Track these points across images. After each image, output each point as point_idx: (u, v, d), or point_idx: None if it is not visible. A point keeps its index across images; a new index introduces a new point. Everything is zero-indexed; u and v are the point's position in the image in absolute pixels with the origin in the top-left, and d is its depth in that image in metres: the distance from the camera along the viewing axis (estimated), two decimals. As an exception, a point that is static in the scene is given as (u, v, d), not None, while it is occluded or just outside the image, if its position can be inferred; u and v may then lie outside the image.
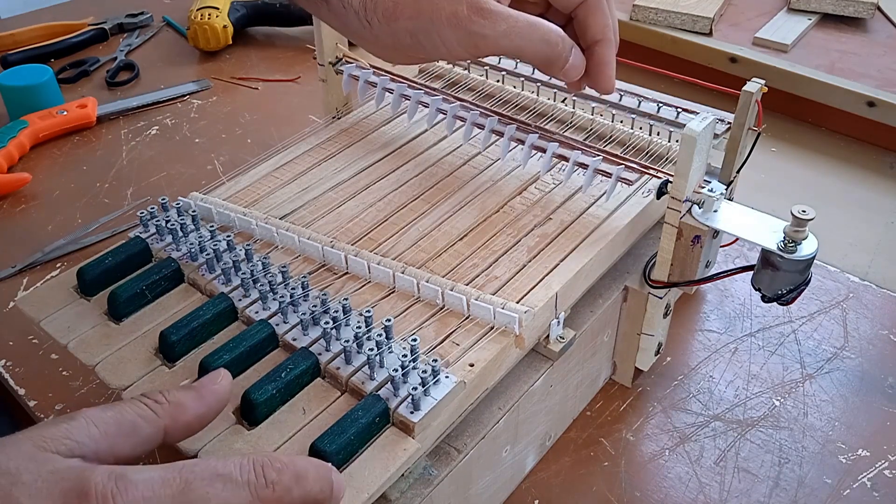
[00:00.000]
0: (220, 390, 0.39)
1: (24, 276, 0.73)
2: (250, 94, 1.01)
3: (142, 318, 0.51)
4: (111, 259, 0.53)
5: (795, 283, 0.52)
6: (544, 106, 0.68)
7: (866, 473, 0.57)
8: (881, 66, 0.95)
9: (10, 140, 0.86)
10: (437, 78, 0.73)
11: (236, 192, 0.60)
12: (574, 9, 0.52)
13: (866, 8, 1.04)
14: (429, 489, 0.45)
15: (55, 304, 0.52)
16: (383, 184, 0.61)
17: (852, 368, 0.65)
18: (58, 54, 1.08)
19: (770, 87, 0.60)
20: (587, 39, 0.53)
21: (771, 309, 0.70)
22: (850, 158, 0.90)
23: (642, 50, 1.03)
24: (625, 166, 0.57)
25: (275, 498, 0.33)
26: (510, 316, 0.48)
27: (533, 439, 0.56)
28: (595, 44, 0.53)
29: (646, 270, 0.58)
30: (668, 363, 0.65)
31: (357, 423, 0.42)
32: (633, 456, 0.58)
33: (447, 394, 0.44)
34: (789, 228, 0.50)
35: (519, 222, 0.57)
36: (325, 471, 0.36)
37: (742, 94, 0.58)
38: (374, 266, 0.52)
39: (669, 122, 0.64)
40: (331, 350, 0.47)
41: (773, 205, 0.57)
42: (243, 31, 1.11)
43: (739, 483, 0.56)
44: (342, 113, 0.71)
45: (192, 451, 0.43)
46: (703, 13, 1.00)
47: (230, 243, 0.54)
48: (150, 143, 0.91)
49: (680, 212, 0.53)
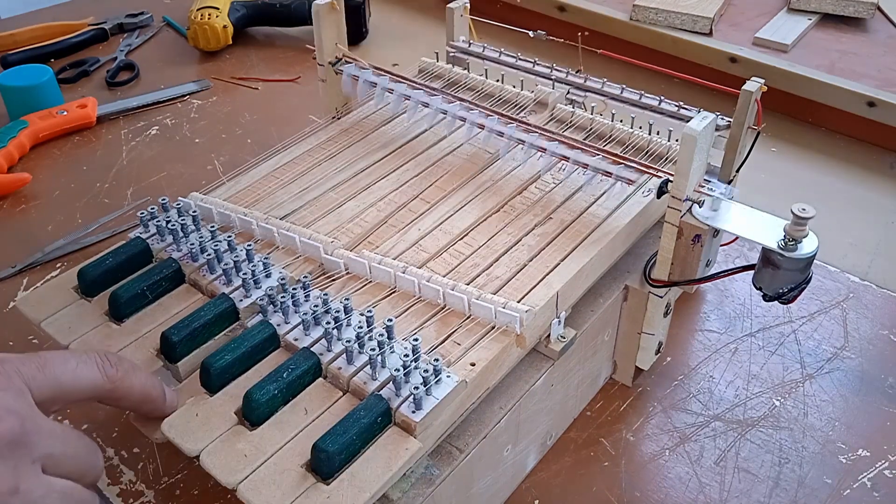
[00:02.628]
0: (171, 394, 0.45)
1: (24, 276, 0.73)
2: (250, 94, 1.01)
3: (143, 318, 0.51)
4: (112, 259, 0.53)
5: (796, 281, 0.52)
6: (543, 99, 0.68)
7: (866, 473, 0.57)
8: (881, 66, 0.95)
9: (10, 140, 0.86)
10: (437, 78, 0.73)
11: (236, 192, 0.60)
12: None
13: (866, 8, 1.04)
14: (430, 489, 0.45)
15: (56, 304, 0.52)
16: (383, 184, 0.61)
17: (852, 368, 0.65)
18: (58, 54, 1.08)
19: (770, 87, 0.60)
20: None
21: (771, 309, 0.70)
22: (850, 158, 0.90)
23: (642, 50, 1.03)
24: (625, 166, 0.57)
25: (118, 376, 0.41)
26: (511, 315, 0.48)
27: (534, 439, 0.56)
28: None
29: (646, 269, 0.58)
30: (668, 363, 0.65)
31: (359, 423, 0.42)
32: (633, 456, 0.58)
33: (449, 393, 0.44)
34: (790, 227, 0.50)
35: (519, 222, 0.57)
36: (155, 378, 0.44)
37: (742, 94, 0.58)
38: (375, 266, 0.52)
39: (670, 114, 0.63)
40: (332, 350, 0.47)
41: (773, 205, 0.57)
42: (243, 31, 1.11)
43: (739, 483, 0.56)
44: (342, 113, 0.71)
45: (194, 452, 0.43)
46: (703, 13, 1.00)
47: (231, 244, 0.54)
48: (150, 143, 0.91)
49: (680, 211, 0.53)
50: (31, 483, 0.36)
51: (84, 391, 0.40)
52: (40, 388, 0.38)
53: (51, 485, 0.37)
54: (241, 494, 0.41)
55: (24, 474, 0.36)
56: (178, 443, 0.43)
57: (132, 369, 0.42)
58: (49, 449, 0.37)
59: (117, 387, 0.41)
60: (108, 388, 0.41)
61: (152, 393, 0.44)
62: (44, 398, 0.38)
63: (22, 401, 0.37)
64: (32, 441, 0.36)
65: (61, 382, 0.39)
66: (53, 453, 0.37)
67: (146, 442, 0.58)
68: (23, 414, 0.36)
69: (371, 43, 1.12)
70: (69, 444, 0.39)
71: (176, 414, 0.45)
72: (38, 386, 0.38)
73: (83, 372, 0.40)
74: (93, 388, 0.40)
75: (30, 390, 0.38)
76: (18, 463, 0.36)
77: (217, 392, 0.46)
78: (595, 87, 0.67)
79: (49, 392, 0.39)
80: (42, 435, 0.37)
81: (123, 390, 0.42)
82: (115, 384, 0.41)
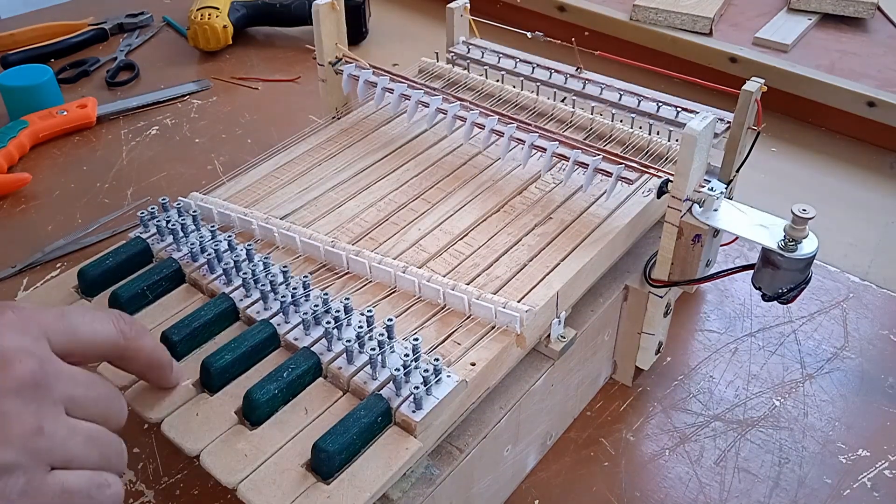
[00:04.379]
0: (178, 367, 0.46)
1: (24, 276, 0.73)
2: (250, 94, 1.01)
3: (143, 318, 0.51)
4: (112, 259, 0.53)
5: (796, 281, 0.52)
6: (544, 106, 0.68)
7: (866, 473, 0.57)
8: (881, 66, 0.95)
9: (10, 140, 0.86)
10: (437, 78, 0.73)
11: (237, 192, 0.61)
12: None
13: (866, 8, 1.04)
14: (431, 488, 0.45)
15: (55, 304, 0.52)
16: (384, 183, 0.61)
17: (852, 368, 0.65)
18: (58, 54, 1.08)
19: (770, 87, 0.60)
20: None
21: (771, 309, 0.70)
22: (850, 158, 0.90)
23: (642, 50, 1.03)
24: (625, 166, 0.57)
25: (132, 334, 0.41)
26: (511, 315, 0.48)
27: (534, 439, 0.56)
28: None
29: (646, 269, 0.58)
30: (668, 363, 0.65)
31: (359, 423, 0.42)
32: (633, 456, 0.58)
33: (449, 393, 0.44)
34: (790, 227, 0.50)
35: (519, 221, 0.57)
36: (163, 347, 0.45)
37: (741, 94, 0.58)
38: (375, 266, 0.52)
39: (669, 121, 0.64)
40: (332, 350, 0.47)
41: (773, 205, 0.57)
42: (243, 31, 1.11)
43: (739, 483, 0.56)
44: (342, 113, 0.71)
45: (194, 451, 0.43)
46: (703, 13, 1.00)
47: (231, 243, 0.54)
48: (150, 143, 0.91)
49: (680, 211, 0.53)
50: (55, 424, 0.36)
51: (99, 345, 0.40)
52: (58, 336, 0.38)
53: (75, 426, 0.37)
54: (242, 494, 0.41)
55: (47, 415, 0.35)
56: (178, 442, 0.43)
57: (143, 331, 0.43)
58: (71, 391, 0.37)
59: (129, 345, 0.41)
60: (121, 345, 0.41)
61: (162, 358, 0.44)
62: (61, 347, 0.38)
63: (41, 345, 0.37)
64: (53, 383, 0.36)
65: (78, 333, 0.39)
66: (75, 395, 0.37)
67: (146, 442, 0.58)
68: (42, 356, 0.36)
69: (371, 43, 1.12)
70: (91, 388, 0.38)
71: (176, 414, 0.45)
72: (56, 333, 0.38)
73: (99, 326, 0.40)
74: (108, 342, 0.40)
75: (48, 338, 0.37)
76: (41, 404, 0.35)
77: (217, 392, 0.46)
78: (594, 93, 0.68)
79: (66, 341, 0.38)
80: (62, 377, 0.37)
81: (135, 350, 0.42)
82: (128, 342, 0.41)
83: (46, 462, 0.35)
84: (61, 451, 0.35)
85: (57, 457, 0.35)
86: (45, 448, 0.35)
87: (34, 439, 0.34)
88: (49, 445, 0.35)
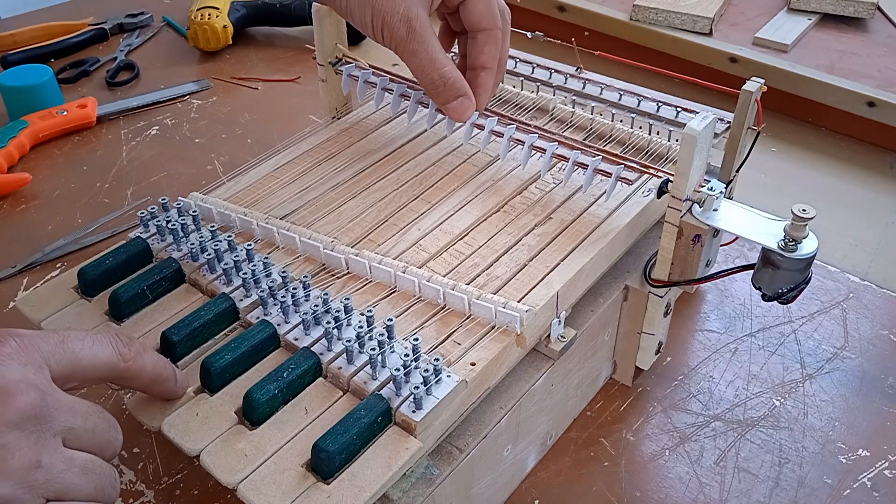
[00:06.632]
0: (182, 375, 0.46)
1: (24, 276, 0.73)
2: (250, 94, 1.01)
3: (143, 318, 0.51)
4: (112, 259, 0.53)
5: (796, 281, 0.52)
6: (544, 105, 0.68)
7: (866, 473, 0.57)
8: (881, 66, 0.95)
9: (10, 140, 0.86)
10: (438, 78, 0.73)
11: (237, 192, 0.61)
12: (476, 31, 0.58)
13: (866, 8, 1.04)
14: (431, 488, 0.45)
15: (55, 304, 0.52)
16: (384, 184, 0.61)
17: (852, 368, 0.65)
18: (58, 54, 1.08)
19: (770, 87, 0.60)
20: (476, 63, 0.58)
21: (771, 309, 0.70)
22: (850, 158, 0.90)
23: (642, 50, 1.03)
24: (625, 166, 0.57)
25: (131, 355, 0.42)
26: (511, 315, 0.48)
27: (534, 439, 0.56)
28: (482, 70, 0.58)
29: (646, 269, 0.58)
30: (668, 363, 0.65)
31: (359, 423, 0.42)
32: (633, 456, 0.58)
33: (449, 393, 0.44)
34: (790, 227, 0.50)
35: (519, 222, 0.57)
36: (165, 359, 0.45)
37: (741, 94, 0.58)
38: (375, 266, 0.52)
39: (669, 121, 0.64)
40: (332, 350, 0.47)
41: (773, 205, 0.58)
42: (243, 31, 1.11)
43: (739, 483, 0.56)
44: (342, 113, 0.71)
45: (194, 451, 0.43)
46: (703, 13, 1.00)
47: (231, 243, 0.54)
48: (150, 143, 0.91)
49: (680, 211, 0.53)
50: (53, 457, 0.36)
51: (99, 369, 0.41)
52: (59, 363, 0.38)
53: (72, 458, 0.37)
54: (242, 494, 0.41)
55: (45, 448, 0.36)
56: (178, 442, 0.43)
57: (143, 349, 0.43)
58: (69, 423, 0.37)
59: (130, 366, 0.42)
60: (122, 367, 0.41)
61: (164, 373, 0.44)
62: (61, 374, 0.39)
63: (42, 375, 0.37)
64: (53, 415, 0.37)
65: (79, 359, 0.39)
66: (74, 427, 0.38)
67: (146, 442, 0.58)
68: (43, 388, 0.37)
69: (371, 43, 1.11)
70: (89, 418, 0.39)
71: (176, 414, 0.45)
72: (57, 361, 0.38)
73: (99, 350, 0.40)
74: (107, 367, 0.41)
75: (48, 366, 0.38)
76: (40, 436, 0.36)
77: (217, 392, 0.46)
78: (594, 93, 0.68)
79: (67, 368, 0.39)
80: (62, 409, 0.37)
81: (136, 370, 0.42)
82: (127, 363, 0.42)
83: (42, 495, 0.36)
84: (58, 483, 0.36)
85: (53, 489, 0.36)
86: (42, 481, 0.35)
87: (32, 472, 0.35)
88: (46, 478, 0.36)
